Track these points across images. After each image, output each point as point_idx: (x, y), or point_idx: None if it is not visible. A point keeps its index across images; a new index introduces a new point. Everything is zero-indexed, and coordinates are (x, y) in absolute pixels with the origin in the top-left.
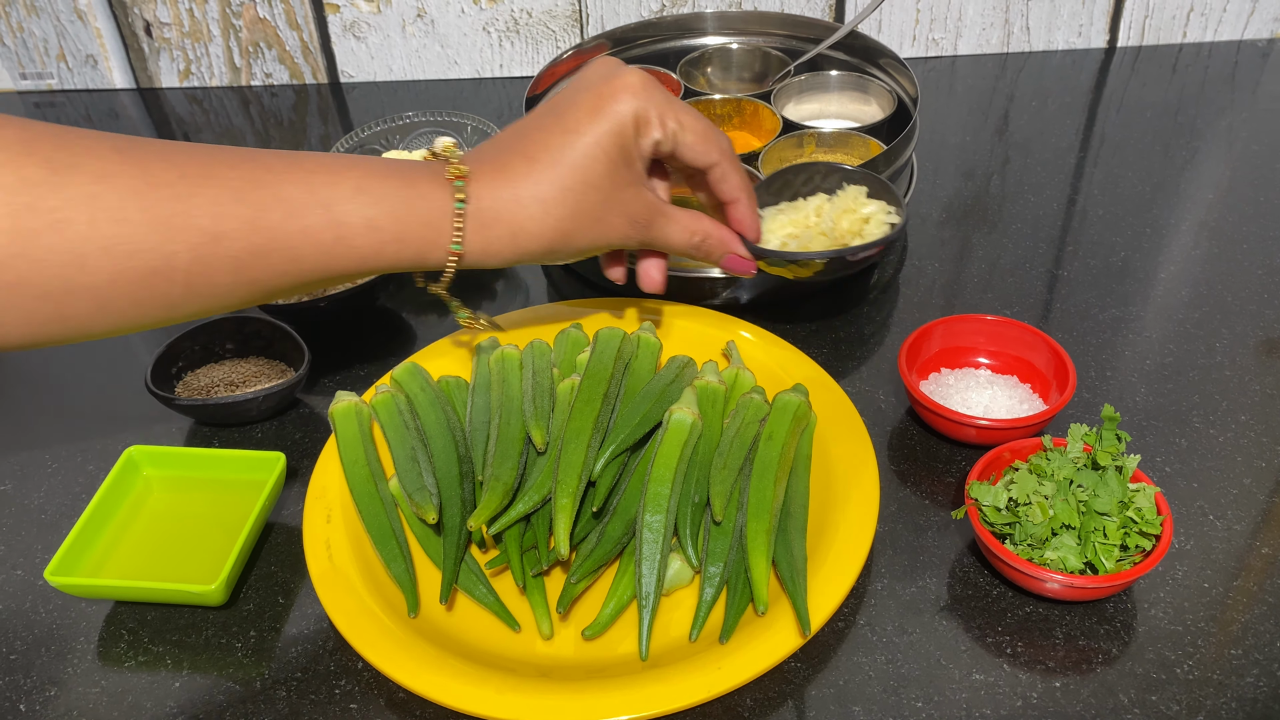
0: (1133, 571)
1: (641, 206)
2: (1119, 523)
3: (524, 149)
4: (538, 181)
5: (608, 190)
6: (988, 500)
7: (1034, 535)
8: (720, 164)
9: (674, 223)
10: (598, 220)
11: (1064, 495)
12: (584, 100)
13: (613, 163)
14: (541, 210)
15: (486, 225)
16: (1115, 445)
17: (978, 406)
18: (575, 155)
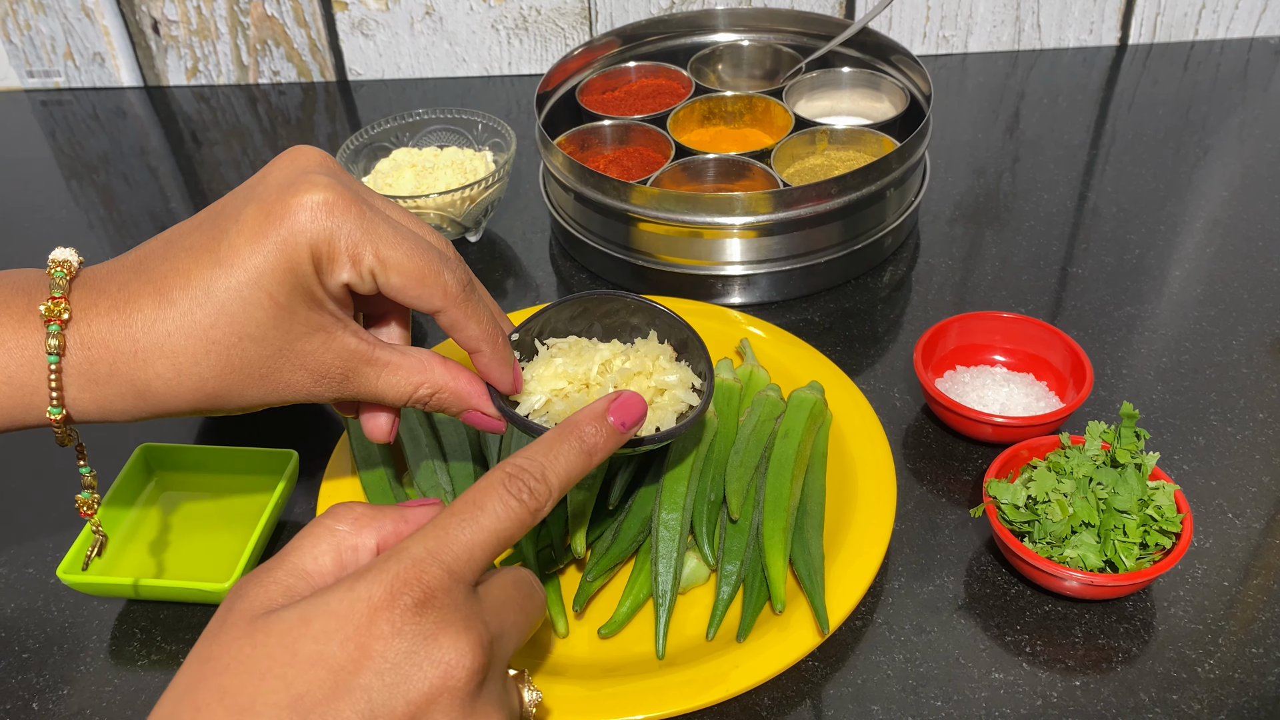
0: (1153, 570)
1: (332, 358)
2: (1139, 521)
3: (159, 279)
4: (170, 330)
5: (276, 343)
6: (1006, 498)
7: (1053, 533)
8: (446, 310)
9: (388, 371)
10: (262, 378)
11: (1083, 493)
12: (248, 217)
13: (280, 308)
14: (172, 368)
15: (98, 382)
16: (1134, 443)
17: (994, 404)
18: (225, 297)
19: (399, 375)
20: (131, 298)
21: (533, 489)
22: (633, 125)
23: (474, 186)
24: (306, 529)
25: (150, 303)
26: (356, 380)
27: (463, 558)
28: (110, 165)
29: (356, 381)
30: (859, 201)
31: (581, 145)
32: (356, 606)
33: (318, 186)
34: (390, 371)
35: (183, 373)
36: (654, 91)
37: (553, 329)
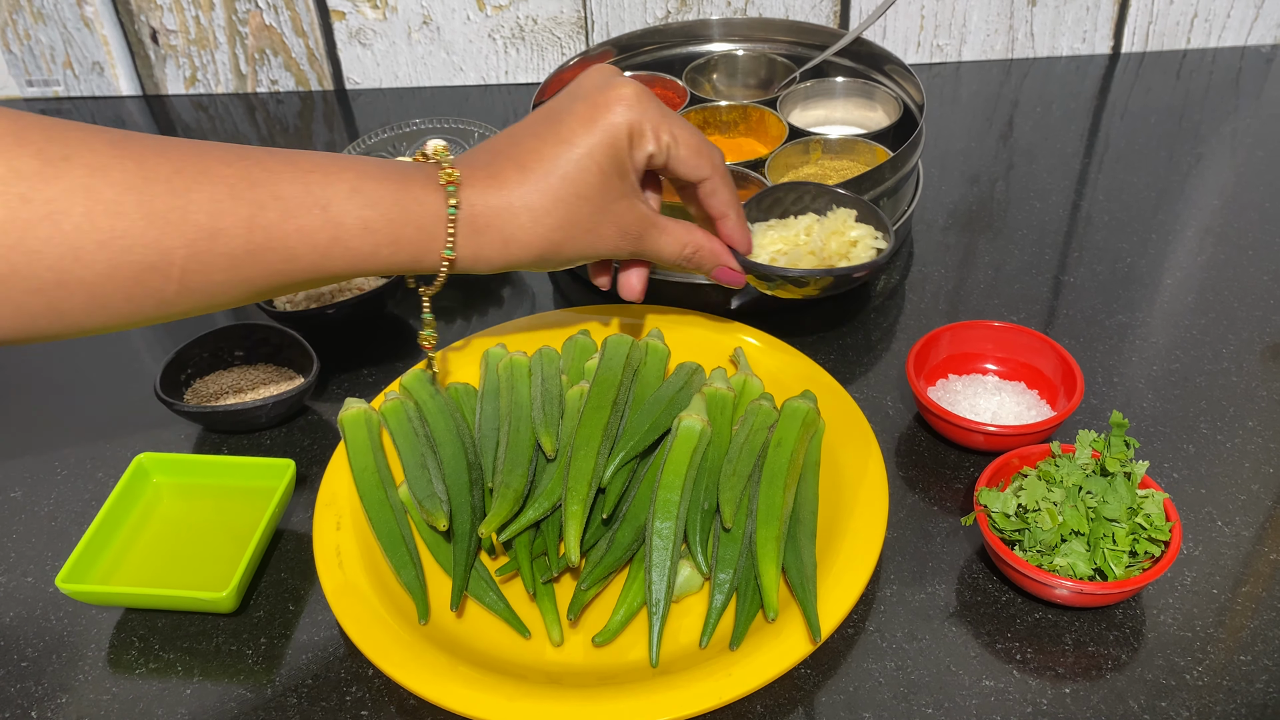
0: (1142, 578)
1: (634, 218)
2: (1128, 529)
3: (517, 157)
4: (529, 191)
5: (599, 202)
6: (997, 507)
7: (1043, 542)
8: (711, 179)
9: (666, 234)
10: (588, 231)
11: (1073, 502)
12: (578, 110)
13: (605, 174)
14: (532, 219)
15: (478, 232)
16: (1124, 451)
17: (985, 413)
18: (568, 166)
19: (672, 236)
20: (499, 170)
21: None
22: None
23: None
24: None
25: (514, 171)
26: (645, 240)
27: None
28: None
29: (645, 241)
30: None
31: None
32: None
33: (627, 85)
34: (665, 233)
35: (538, 222)
36: None
37: (752, 217)
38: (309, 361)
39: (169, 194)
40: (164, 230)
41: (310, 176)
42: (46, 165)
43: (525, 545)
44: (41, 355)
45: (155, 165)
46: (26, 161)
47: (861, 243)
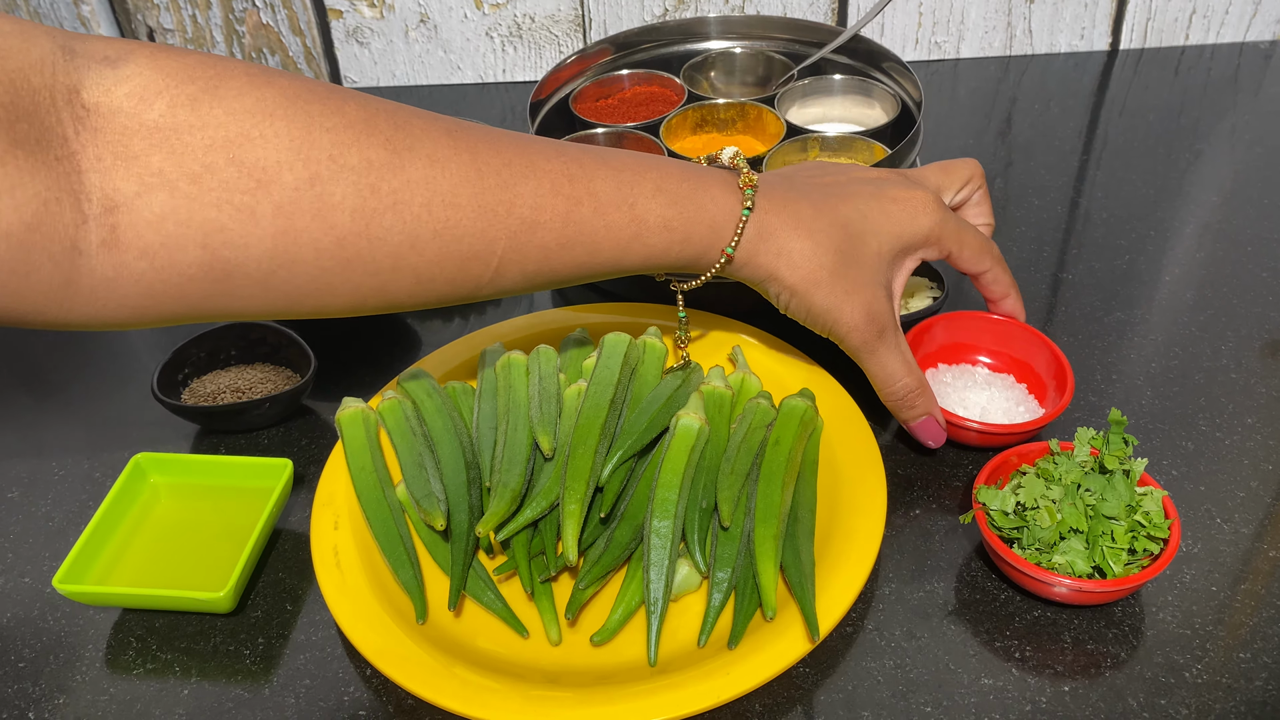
0: (1141, 575)
1: (884, 309)
2: (1127, 526)
3: (813, 198)
4: (818, 227)
5: (867, 276)
6: (995, 505)
7: (1042, 539)
8: (992, 270)
9: (894, 352)
10: (847, 293)
11: (1071, 499)
12: (887, 193)
13: (882, 260)
14: (812, 248)
15: (761, 238)
16: (1123, 449)
17: (975, 407)
18: (856, 231)
19: (898, 359)
20: (794, 198)
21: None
22: (626, 133)
23: None
24: None
25: (807, 206)
26: (884, 338)
27: None
28: None
29: (883, 339)
30: None
31: None
32: None
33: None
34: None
35: (815, 252)
36: (647, 99)
37: None
38: (306, 361)
39: (499, 187)
40: (491, 221)
41: (622, 175)
42: (394, 155)
43: (523, 544)
44: (39, 354)
45: (487, 158)
46: (377, 151)
47: (918, 294)
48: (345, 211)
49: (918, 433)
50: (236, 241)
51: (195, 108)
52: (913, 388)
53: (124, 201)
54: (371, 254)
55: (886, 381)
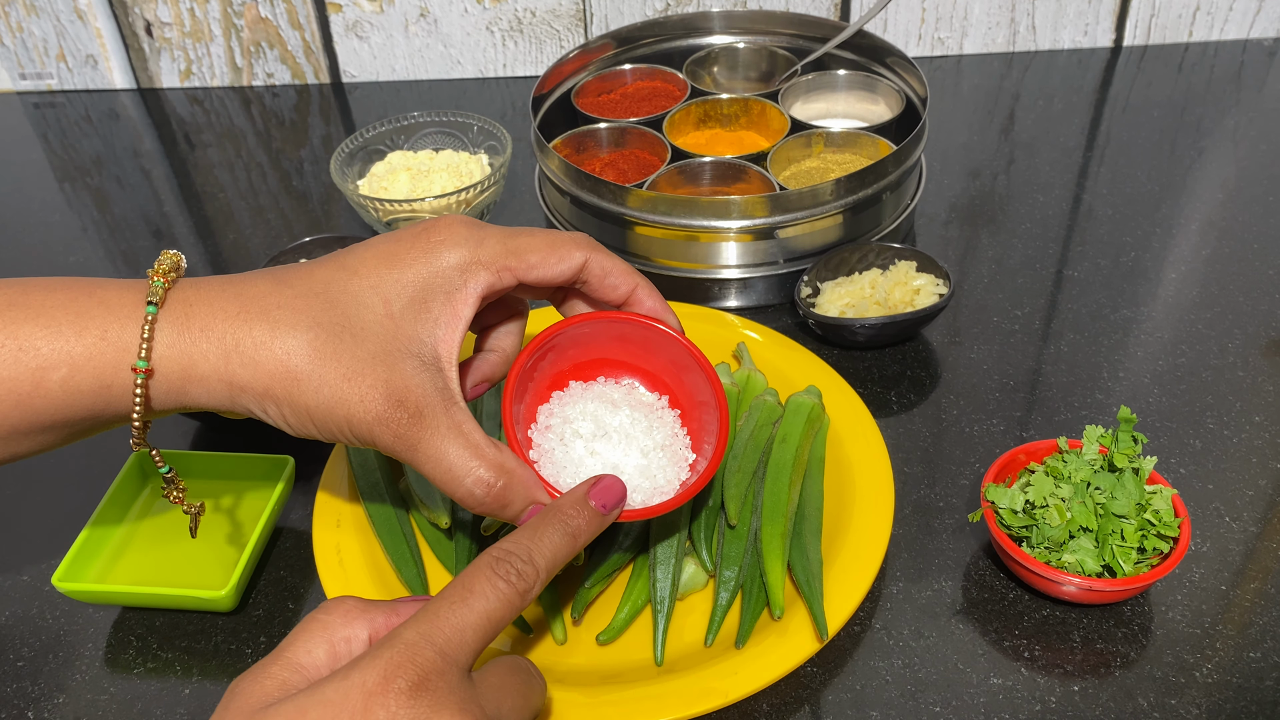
0: (1151, 574)
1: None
2: (1137, 525)
3: (275, 273)
4: (274, 303)
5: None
6: (1004, 503)
7: (1051, 538)
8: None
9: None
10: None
11: (1081, 498)
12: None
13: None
14: (269, 329)
15: (191, 339)
16: (1132, 447)
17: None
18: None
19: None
20: (242, 280)
21: (520, 571)
22: (628, 128)
23: (470, 190)
24: (299, 626)
25: (264, 281)
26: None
27: (455, 640)
28: (103, 168)
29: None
30: (855, 205)
31: (577, 148)
32: (351, 694)
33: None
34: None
35: (276, 338)
36: (650, 94)
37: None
38: None
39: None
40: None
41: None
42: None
43: None
44: None
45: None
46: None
47: (924, 290)
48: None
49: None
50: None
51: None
52: (487, 480)
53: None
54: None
55: (449, 483)
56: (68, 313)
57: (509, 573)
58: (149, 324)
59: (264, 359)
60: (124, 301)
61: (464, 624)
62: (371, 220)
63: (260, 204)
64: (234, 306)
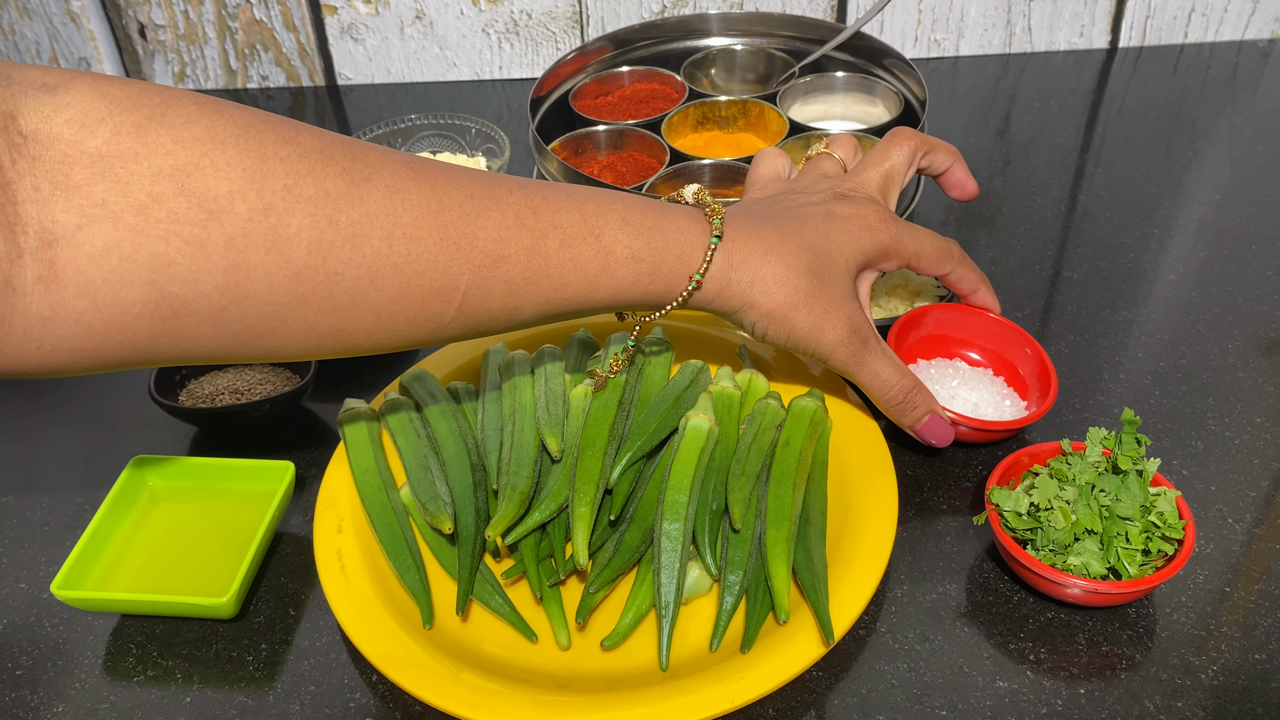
0: (1156, 576)
1: (864, 321)
2: (1141, 527)
3: (778, 224)
4: (788, 250)
5: (841, 292)
6: (1009, 506)
7: (1056, 541)
8: (956, 269)
9: (885, 358)
10: (826, 311)
11: (1086, 500)
12: (840, 212)
13: (850, 275)
14: (784, 271)
15: (732, 265)
16: (1136, 449)
17: (963, 403)
18: (824, 250)
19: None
20: (759, 225)
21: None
22: (627, 130)
23: None
24: None
25: (773, 232)
26: (868, 349)
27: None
28: None
29: (868, 350)
30: None
31: (576, 151)
32: None
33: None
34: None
35: (786, 278)
36: (648, 96)
37: None
38: (306, 362)
39: (461, 220)
40: (454, 256)
41: (585, 206)
42: (352, 186)
43: (531, 548)
44: None
45: (448, 190)
46: (334, 182)
47: (924, 292)
48: (301, 244)
49: (924, 434)
50: (185, 277)
51: (141, 135)
52: (909, 388)
53: (64, 234)
54: (329, 289)
55: (883, 389)
56: (660, 234)
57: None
58: (711, 251)
59: (777, 289)
60: (694, 230)
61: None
62: None
63: None
64: (760, 248)
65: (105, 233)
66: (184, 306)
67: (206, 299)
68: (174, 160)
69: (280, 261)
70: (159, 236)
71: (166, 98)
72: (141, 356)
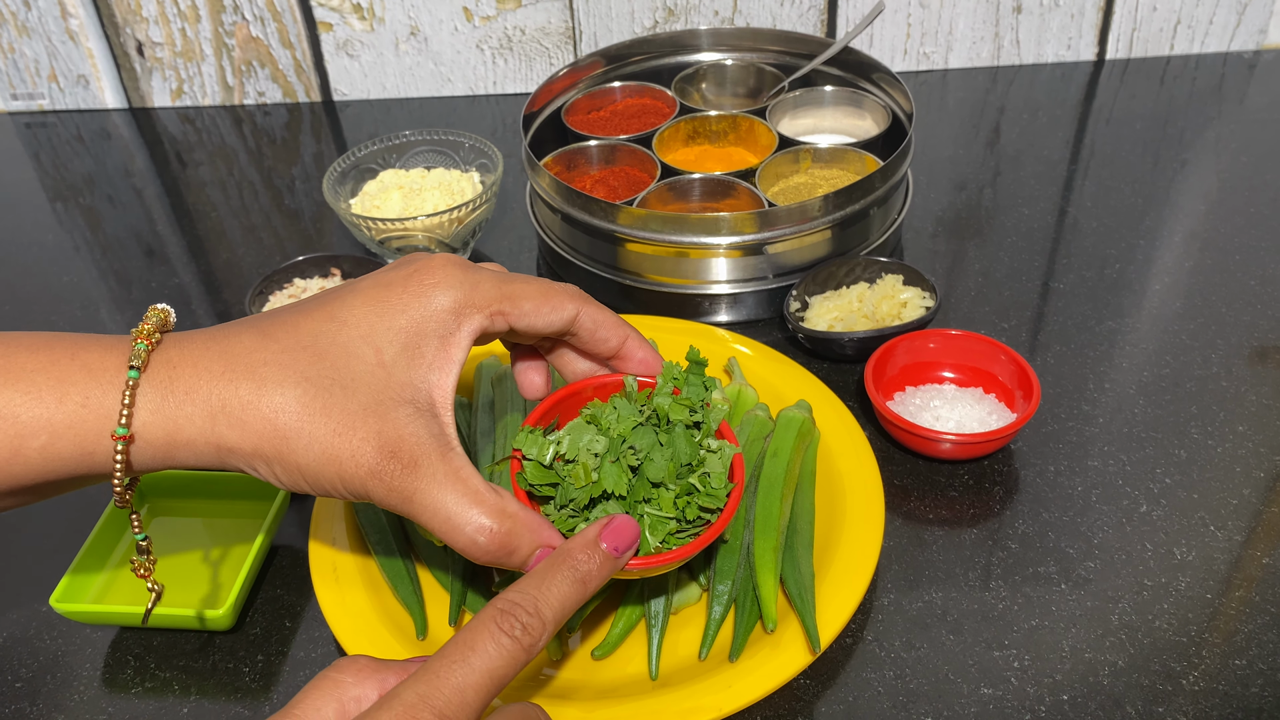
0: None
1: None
2: (678, 491)
3: (264, 326)
4: (261, 359)
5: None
6: (533, 453)
7: (576, 501)
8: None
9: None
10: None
11: (616, 454)
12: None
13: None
14: (254, 389)
15: (175, 403)
16: (701, 393)
17: (949, 423)
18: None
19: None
20: (226, 334)
21: (525, 624)
22: (618, 145)
23: (462, 208)
24: (311, 682)
25: (249, 335)
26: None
27: (455, 701)
28: (95, 187)
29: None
30: (843, 220)
31: (568, 165)
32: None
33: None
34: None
35: (262, 397)
36: (639, 111)
37: (810, 290)
38: None
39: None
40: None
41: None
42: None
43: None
44: None
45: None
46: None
47: (911, 303)
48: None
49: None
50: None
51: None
52: (492, 528)
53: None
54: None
55: (450, 532)
56: (49, 377)
57: (513, 626)
58: (130, 389)
59: (251, 419)
60: (106, 365)
61: (464, 684)
62: (364, 239)
63: (252, 222)
64: (219, 365)
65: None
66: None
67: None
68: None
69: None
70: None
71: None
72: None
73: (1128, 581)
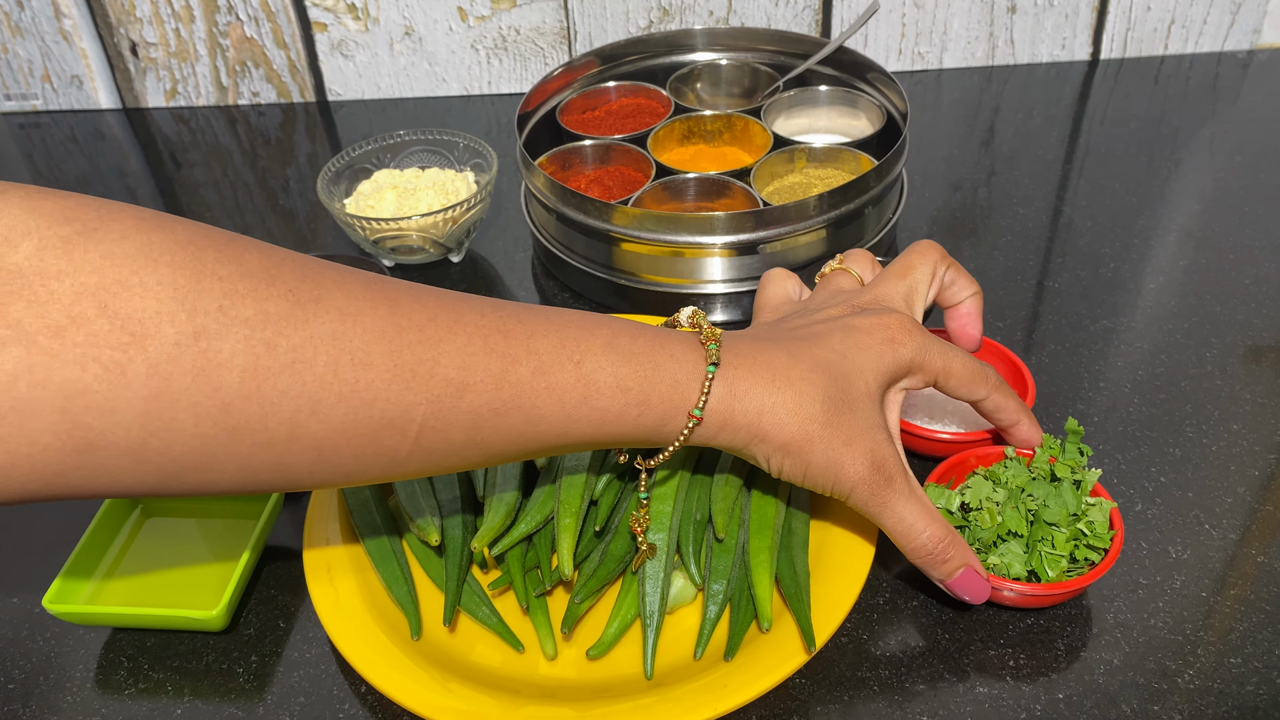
0: (1075, 582)
1: (889, 455)
2: (1070, 534)
3: (786, 346)
4: (799, 375)
5: (862, 422)
6: (940, 503)
7: (981, 540)
8: (990, 397)
9: (913, 499)
10: (845, 443)
11: (1015, 503)
12: (859, 325)
13: (872, 399)
14: (796, 397)
15: (735, 396)
16: (1077, 459)
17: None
18: (841, 370)
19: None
20: (764, 349)
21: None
22: (613, 145)
23: (456, 208)
24: None
25: (781, 355)
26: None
27: None
28: (89, 187)
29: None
30: (838, 219)
31: (563, 165)
32: None
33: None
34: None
35: (799, 407)
36: (634, 111)
37: None
38: None
39: (420, 344)
40: (409, 384)
41: (566, 330)
42: (296, 308)
43: (517, 559)
44: None
45: (410, 312)
46: (277, 303)
47: None
48: (234, 371)
49: (956, 590)
50: (102, 405)
51: (68, 251)
52: (940, 537)
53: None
54: (264, 421)
55: (908, 536)
56: (649, 361)
57: None
58: (709, 380)
59: (790, 420)
60: (687, 357)
61: None
62: (359, 239)
63: (247, 222)
64: (766, 374)
65: (16, 356)
66: (100, 438)
67: (125, 430)
68: (100, 279)
69: (209, 390)
70: (74, 361)
71: (103, 212)
72: (53, 491)
73: (1123, 580)
